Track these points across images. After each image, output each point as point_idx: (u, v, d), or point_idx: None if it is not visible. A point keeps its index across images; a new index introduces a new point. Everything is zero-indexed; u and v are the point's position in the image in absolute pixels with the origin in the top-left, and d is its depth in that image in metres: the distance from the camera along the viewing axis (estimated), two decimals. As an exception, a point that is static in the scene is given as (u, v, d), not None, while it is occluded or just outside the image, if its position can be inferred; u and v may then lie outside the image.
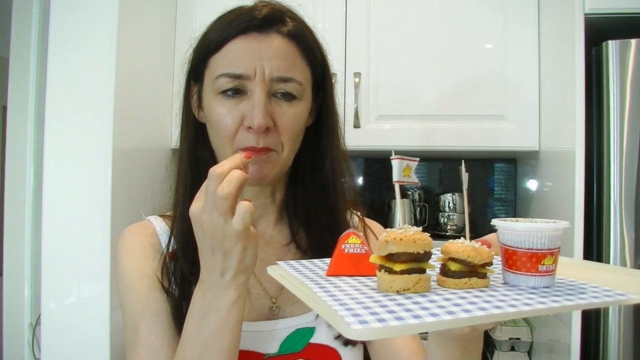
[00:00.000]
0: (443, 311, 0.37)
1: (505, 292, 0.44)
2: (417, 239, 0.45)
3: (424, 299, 0.41)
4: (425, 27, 1.55)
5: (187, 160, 0.80)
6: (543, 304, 0.39)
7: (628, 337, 1.15)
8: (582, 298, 0.41)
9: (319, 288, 0.44)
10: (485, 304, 0.39)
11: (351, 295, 0.42)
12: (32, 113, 1.39)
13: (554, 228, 0.46)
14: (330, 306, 0.38)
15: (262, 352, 0.75)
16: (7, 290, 1.40)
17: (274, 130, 0.73)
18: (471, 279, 0.46)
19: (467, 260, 0.46)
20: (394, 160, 0.49)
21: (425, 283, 0.45)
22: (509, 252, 0.46)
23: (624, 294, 0.42)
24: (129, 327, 0.74)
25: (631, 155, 1.16)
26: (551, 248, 0.45)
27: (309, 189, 0.82)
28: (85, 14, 1.20)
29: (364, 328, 0.33)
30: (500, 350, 1.49)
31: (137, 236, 0.79)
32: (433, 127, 1.54)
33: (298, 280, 0.47)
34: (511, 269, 0.46)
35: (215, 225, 0.58)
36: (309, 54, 0.77)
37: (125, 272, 0.76)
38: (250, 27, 0.73)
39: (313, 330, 0.77)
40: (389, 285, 0.44)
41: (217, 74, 0.73)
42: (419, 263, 0.45)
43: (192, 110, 0.81)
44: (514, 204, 1.88)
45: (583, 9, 1.22)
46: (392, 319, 0.35)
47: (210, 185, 0.59)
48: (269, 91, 0.72)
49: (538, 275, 0.45)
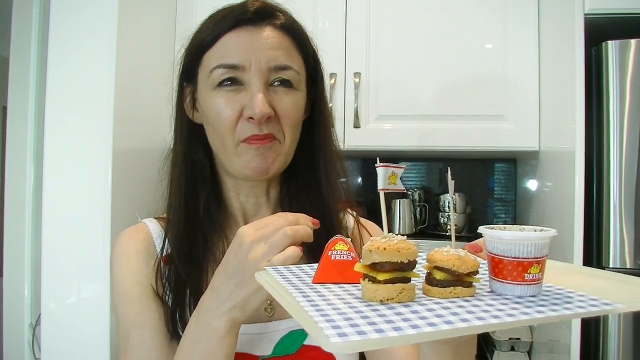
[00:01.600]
0: (424, 323, 0.37)
1: (490, 301, 0.43)
2: (401, 248, 0.44)
3: (406, 310, 0.40)
4: (425, 27, 1.55)
5: (182, 162, 0.79)
6: (527, 315, 0.39)
7: (628, 337, 1.15)
8: (568, 308, 0.41)
9: (303, 297, 0.44)
10: (468, 315, 0.39)
11: (334, 305, 0.42)
12: (32, 113, 1.39)
13: (540, 237, 0.45)
14: (311, 317, 0.38)
15: (257, 354, 0.74)
16: (7, 290, 1.40)
17: (275, 119, 0.72)
18: (456, 288, 0.45)
19: (452, 269, 0.45)
20: (379, 167, 0.49)
21: (409, 292, 0.44)
22: (495, 261, 0.46)
23: (610, 303, 0.41)
24: (121, 333, 0.74)
25: (631, 155, 1.16)
26: (537, 257, 0.45)
27: (302, 187, 0.82)
28: (85, 14, 1.20)
29: (342, 341, 0.34)
30: (500, 350, 1.49)
31: (131, 240, 0.78)
32: (433, 127, 1.54)
33: (283, 288, 0.47)
34: (497, 278, 0.46)
35: (254, 252, 0.57)
36: (302, 46, 0.78)
37: (118, 278, 0.76)
38: (243, 21, 0.73)
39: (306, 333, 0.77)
40: (372, 294, 0.43)
41: (211, 67, 0.72)
42: (403, 272, 0.45)
43: (186, 111, 0.80)
44: (513, 204, 1.88)
45: (583, 9, 1.22)
46: (372, 331, 0.35)
47: (278, 220, 0.58)
48: (267, 81, 0.72)
49: (524, 284, 0.45)
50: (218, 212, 0.79)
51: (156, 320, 0.72)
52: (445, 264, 0.45)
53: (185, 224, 0.76)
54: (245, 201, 0.82)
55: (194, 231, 0.76)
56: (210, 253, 0.77)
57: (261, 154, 0.72)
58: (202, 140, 0.79)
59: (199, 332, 0.62)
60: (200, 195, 0.78)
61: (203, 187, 0.78)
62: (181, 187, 0.77)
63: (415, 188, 1.89)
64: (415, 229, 1.80)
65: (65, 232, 1.17)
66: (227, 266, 0.60)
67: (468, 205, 1.80)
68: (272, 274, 0.51)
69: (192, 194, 0.78)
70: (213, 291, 0.62)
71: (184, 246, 0.75)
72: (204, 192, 0.78)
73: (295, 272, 0.52)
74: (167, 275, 0.75)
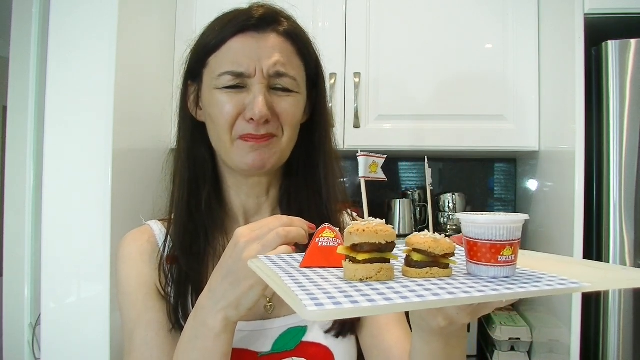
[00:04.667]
0: (397, 296, 0.39)
1: (464, 281, 0.46)
2: (379, 230, 0.47)
3: (382, 286, 0.43)
4: (425, 27, 1.55)
5: (186, 158, 0.81)
6: (495, 291, 0.42)
7: (628, 337, 1.15)
8: (536, 286, 0.43)
9: (288, 277, 0.46)
10: (440, 291, 0.42)
11: (316, 283, 0.44)
12: (32, 113, 1.39)
13: (512, 220, 0.48)
14: (293, 291, 0.41)
15: (256, 350, 0.76)
16: (7, 290, 1.40)
17: (274, 119, 0.76)
18: (432, 268, 0.48)
19: (428, 251, 0.48)
20: (360, 157, 0.52)
21: (388, 272, 0.47)
22: (471, 244, 0.49)
23: (577, 282, 0.44)
24: (125, 333, 0.76)
25: (631, 155, 1.16)
26: (510, 239, 0.47)
27: (302, 186, 0.84)
28: (85, 14, 1.20)
29: (318, 309, 0.36)
30: (500, 350, 1.49)
31: (136, 242, 0.80)
32: (433, 127, 1.54)
33: (271, 271, 0.49)
34: (473, 260, 0.49)
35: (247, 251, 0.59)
36: (304, 51, 0.81)
37: (123, 279, 0.78)
38: (248, 26, 0.76)
39: (305, 329, 0.79)
40: (352, 273, 0.46)
41: (219, 71, 0.75)
42: (382, 253, 0.47)
43: (190, 109, 0.83)
44: (513, 204, 1.88)
45: (583, 9, 1.22)
46: (347, 302, 0.38)
47: (273, 221, 0.61)
48: (268, 86, 0.76)
49: (498, 266, 0.47)
50: (219, 209, 0.82)
51: (160, 319, 0.74)
52: (422, 246, 0.48)
53: (188, 219, 0.78)
54: (245, 200, 0.84)
55: (195, 226, 0.78)
56: (212, 248, 0.79)
57: (258, 150, 0.75)
58: (205, 138, 0.81)
59: (196, 330, 0.64)
60: (202, 191, 0.81)
61: (205, 184, 0.81)
62: (184, 183, 0.80)
63: (415, 188, 1.89)
64: (415, 229, 1.80)
65: (65, 232, 1.17)
66: (223, 266, 0.62)
67: (468, 205, 1.80)
68: (265, 261, 0.54)
69: (194, 190, 0.80)
70: (209, 290, 0.64)
71: (186, 241, 0.77)
72: (205, 188, 0.81)
73: (286, 260, 0.55)
74: (170, 271, 0.77)
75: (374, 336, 0.80)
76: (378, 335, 0.80)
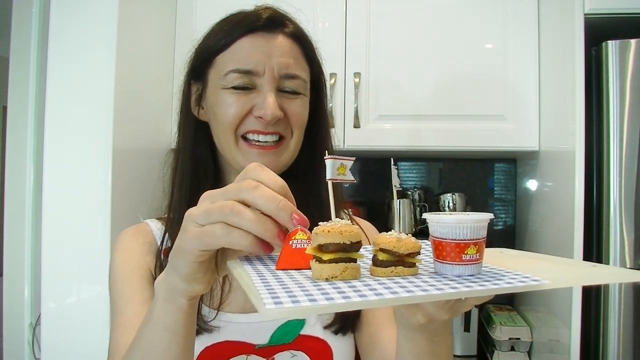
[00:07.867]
0: (356, 295, 0.40)
1: (427, 279, 0.47)
2: (344, 230, 0.48)
3: (345, 285, 0.44)
4: (425, 27, 1.55)
5: (187, 157, 0.81)
6: (455, 289, 0.43)
7: (628, 337, 1.15)
8: (496, 284, 0.44)
9: (258, 277, 0.48)
10: (400, 289, 0.43)
11: (283, 283, 0.46)
12: (32, 113, 1.39)
13: (476, 219, 0.48)
14: (258, 290, 0.42)
15: (253, 342, 0.76)
16: (7, 290, 1.40)
17: (284, 119, 0.76)
18: (397, 267, 0.49)
19: (393, 250, 0.49)
20: (327, 159, 0.52)
21: (353, 271, 0.48)
22: (436, 243, 0.50)
23: (538, 280, 0.45)
24: (114, 311, 0.75)
25: (631, 155, 1.16)
26: (474, 238, 0.48)
27: (301, 188, 0.84)
28: (85, 14, 1.20)
29: (276, 307, 0.37)
30: (500, 350, 1.49)
31: (133, 237, 0.81)
32: (433, 127, 1.54)
33: (245, 272, 0.50)
34: (439, 259, 0.50)
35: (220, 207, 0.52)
36: (309, 54, 0.81)
37: (118, 265, 0.78)
38: (258, 27, 0.76)
39: (303, 322, 0.79)
40: (319, 273, 0.47)
41: (226, 70, 0.75)
42: (347, 253, 0.48)
43: (192, 109, 0.83)
44: (513, 204, 1.88)
45: (583, 9, 1.22)
46: (305, 300, 0.39)
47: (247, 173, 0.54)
48: (277, 87, 0.76)
49: (462, 264, 0.48)
50: None
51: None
52: (387, 245, 0.49)
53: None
54: None
55: None
56: None
57: (267, 157, 0.76)
58: (207, 138, 0.81)
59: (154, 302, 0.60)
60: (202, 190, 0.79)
61: (206, 183, 0.80)
62: (184, 183, 0.80)
63: (415, 188, 1.89)
64: (415, 228, 1.80)
65: (65, 232, 1.18)
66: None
67: (468, 205, 1.80)
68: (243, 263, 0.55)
69: (194, 190, 0.79)
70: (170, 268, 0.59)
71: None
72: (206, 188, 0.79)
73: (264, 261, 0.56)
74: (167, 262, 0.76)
75: (371, 335, 0.81)
76: (374, 334, 0.81)
